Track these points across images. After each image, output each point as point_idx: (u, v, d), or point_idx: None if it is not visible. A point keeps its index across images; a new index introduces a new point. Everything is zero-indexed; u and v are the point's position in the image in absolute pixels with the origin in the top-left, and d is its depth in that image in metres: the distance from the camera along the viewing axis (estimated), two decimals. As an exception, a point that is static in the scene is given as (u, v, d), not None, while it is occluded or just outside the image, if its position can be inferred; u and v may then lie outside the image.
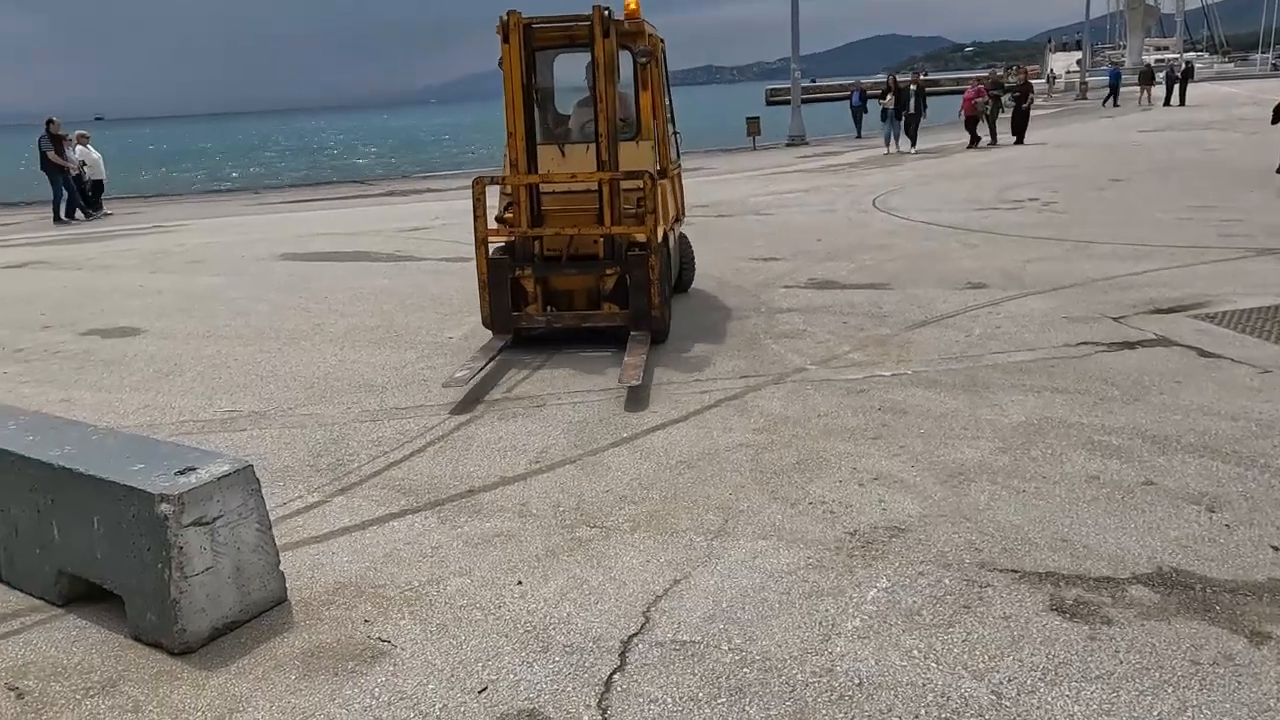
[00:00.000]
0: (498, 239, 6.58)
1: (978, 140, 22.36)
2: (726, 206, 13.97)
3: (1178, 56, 62.05)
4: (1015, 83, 23.93)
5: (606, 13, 6.21)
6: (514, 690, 2.81)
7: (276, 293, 9.27)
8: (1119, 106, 36.19)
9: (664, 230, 6.53)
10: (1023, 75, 25.24)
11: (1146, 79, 38.16)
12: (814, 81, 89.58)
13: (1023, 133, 22.49)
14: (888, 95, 22.28)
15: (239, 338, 7.48)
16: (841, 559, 3.50)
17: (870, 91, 27.55)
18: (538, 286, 6.51)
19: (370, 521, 4.03)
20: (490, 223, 6.53)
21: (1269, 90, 34.08)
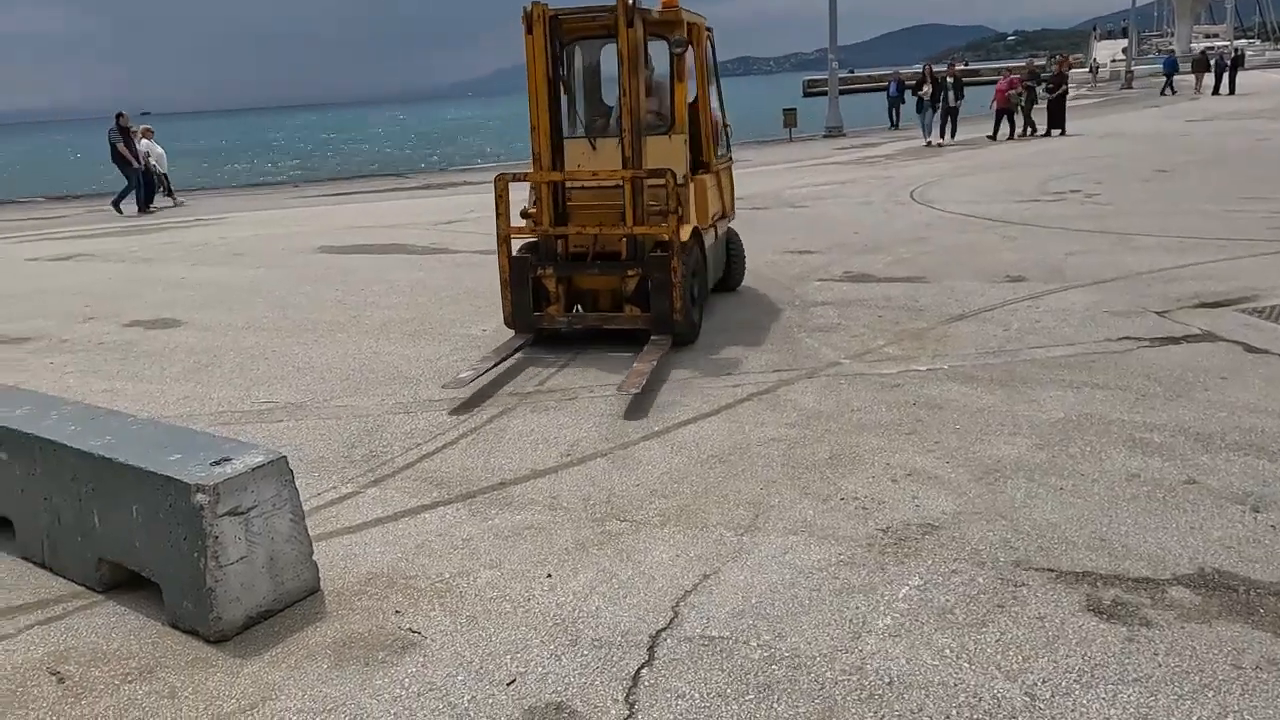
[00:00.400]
0: (522, 236, 6.49)
1: (1011, 132, 22.01)
2: (762, 199, 13.87)
3: (1228, 44, 60.50)
4: (1051, 73, 23.41)
5: (632, 1, 5.98)
6: (542, 683, 2.81)
7: (314, 285, 9.37)
8: (1175, 94, 35.41)
9: (693, 229, 6.32)
10: (1059, 65, 24.70)
11: (1200, 67, 37.25)
12: (852, 72, 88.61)
13: (1062, 123, 22.09)
14: (924, 86, 21.98)
15: (277, 330, 7.58)
16: (873, 556, 3.46)
17: (908, 82, 27.18)
18: (559, 286, 6.37)
19: (402, 513, 4.06)
20: (516, 219, 6.44)
21: (1323, 78, 33.15)
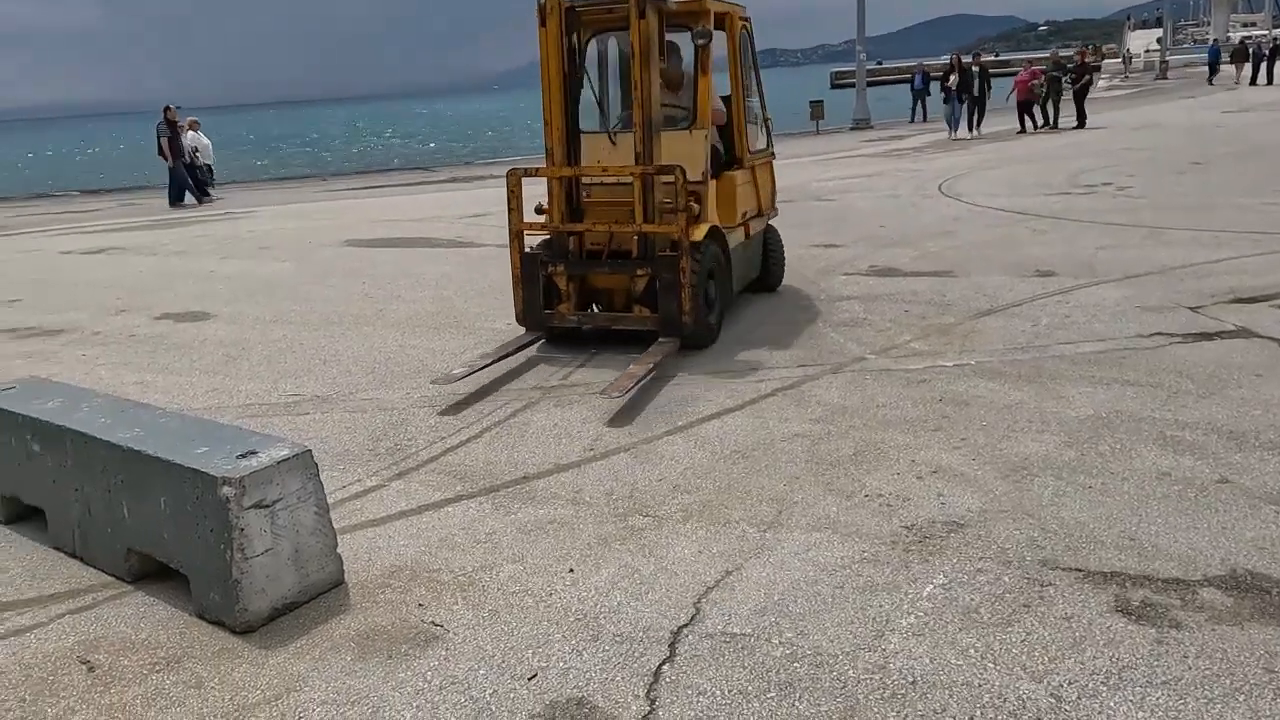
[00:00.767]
0: (538, 233, 6.38)
1: (1034, 124, 21.74)
2: (787, 192, 13.72)
3: (1266, 33, 59.32)
4: (1074, 64, 23.03)
5: None
6: (563, 678, 2.82)
7: (341, 278, 9.44)
8: (1213, 85, 34.81)
9: (709, 228, 6.10)
10: (1081, 56, 24.29)
11: (1240, 57, 36.57)
12: (880, 64, 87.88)
13: (1082, 114, 21.79)
14: (951, 76, 21.67)
15: (304, 323, 7.64)
16: (897, 554, 3.43)
17: (933, 73, 26.85)
18: (571, 284, 6.22)
19: (426, 506, 4.08)
20: (533, 215, 6.34)
21: (1365, 67, 32.42)
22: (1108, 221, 9.84)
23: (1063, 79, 22.29)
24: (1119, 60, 58.50)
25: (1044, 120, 22.05)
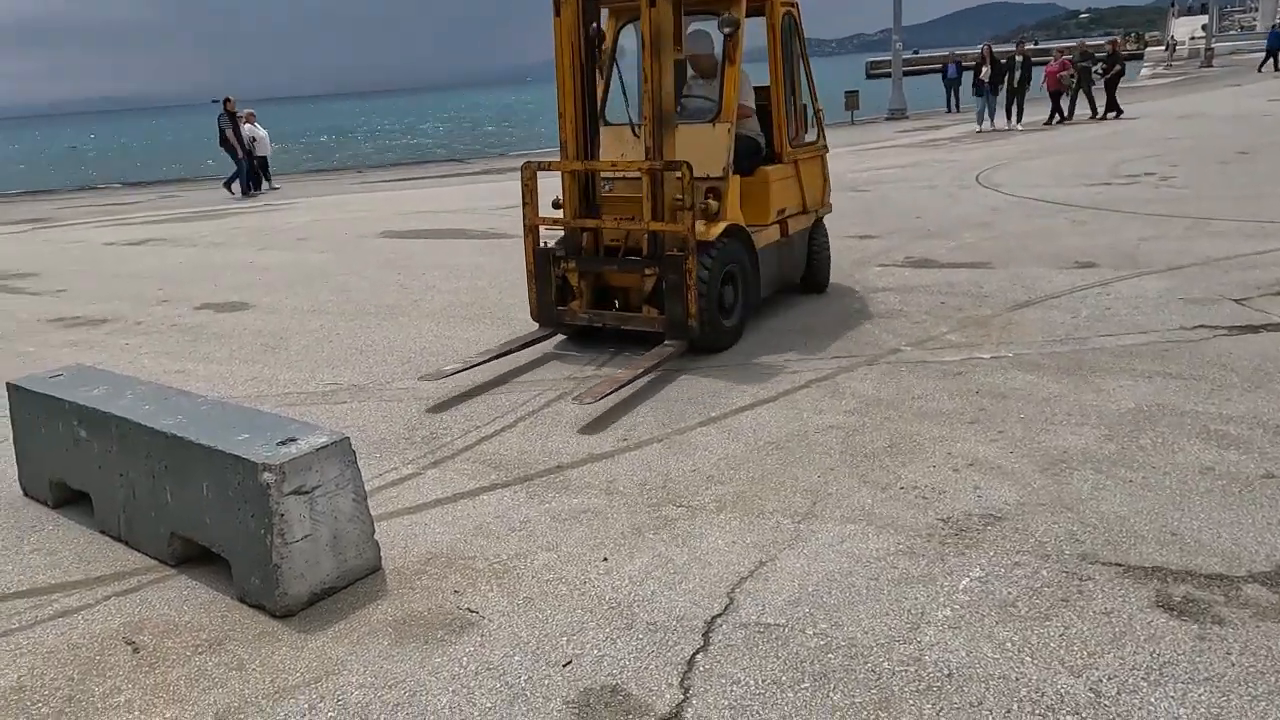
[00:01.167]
0: (553, 228, 6.20)
1: (1062, 115, 21.36)
2: (822, 183, 13.67)
3: (1317, 18, 57.78)
4: (1105, 54, 22.55)
5: None
6: (598, 665, 2.83)
7: (376, 269, 9.54)
8: (1264, 73, 33.95)
9: (726, 227, 5.82)
10: (1113, 45, 23.77)
11: None
12: (916, 53, 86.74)
13: (1114, 105, 21.37)
14: (983, 68, 21.29)
15: (341, 313, 7.73)
16: (933, 546, 3.41)
17: (966, 63, 26.42)
18: (584, 281, 6.04)
19: (462, 494, 4.12)
20: (549, 210, 6.19)
21: None
22: (1150, 212, 9.66)
23: (1093, 69, 21.86)
24: (1162, 48, 57.30)
25: (1069, 113, 21.62)
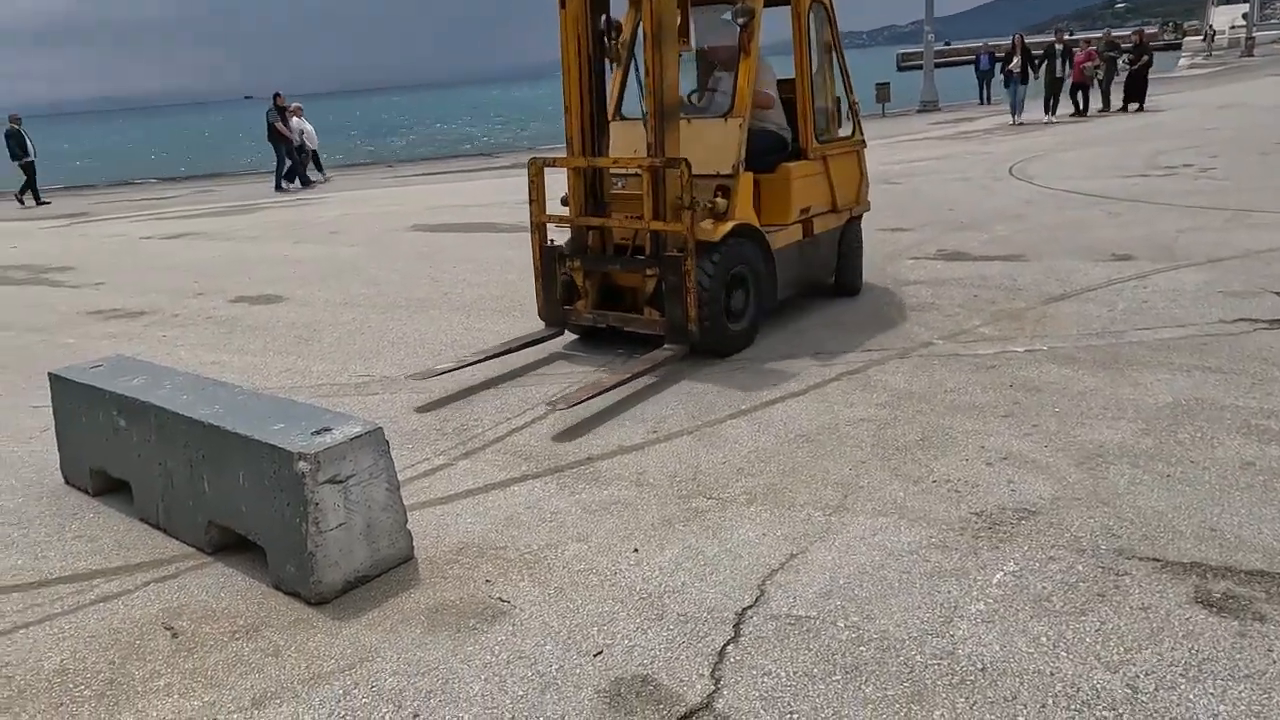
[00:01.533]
0: (562, 225, 6.02)
1: (1086, 107, 21.01)
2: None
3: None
4: (1131, 44, 22.13)
5: None
6: (628, 655, 2.84)
7: (407, 262, 9.61)
8: None
9: (733, 227, 5.56)
10: (1139, 36, 23.33)
11: None
12: (948, 44, 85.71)
13: (1142, 97, 20.98)
14: (1014, 59, 20.99)
15: (372, 305, 7.79)
16: (966, 540, 3.38)
17: (999, 54, 26.06)
18: (589, 280, 5.89)
19: (493, 485, 4.14)
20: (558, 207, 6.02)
21: None
22: (1188, 204, 9.49)
23: (1118, 60, 21.45)
24: (1200, 37, 56.23)
25: (1087, 106, 21.27)
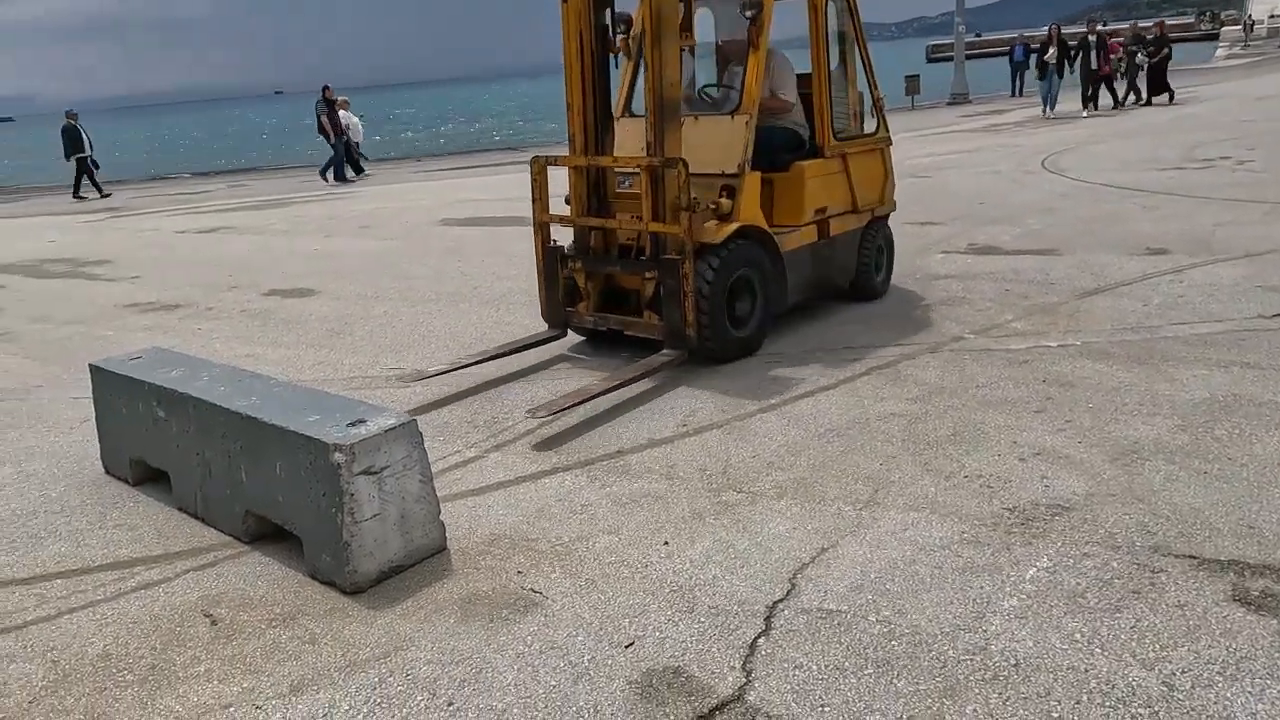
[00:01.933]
0: (564, 225, 5.92)
1: (1114, 100, 20.69)
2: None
3: None
4: (1153, 36, 21.74)
5: None
6: (660, 647, 2.86)
7: (437, 256, 9.68)
8: None
9: (736, 229, 5.40)
10: (1160, 28, 22.91)
11: None
12: (979, 36, 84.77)
13: (1166, 89, 20.63)
14: (1049, 50, 20.72)
15: (403, 299, 7.86)
16: (999, 535, 3.36)
17: (1034, 45, 25.72)
18: (590, 282, 5.79)
19: (524, 477, 4.17)
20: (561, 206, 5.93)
21: None
22: (1226, 197, 9.34)
23: (1139, 52, 21.12)
24: (1238, 27, 55.22)
25: (1118, 97, 20.96)
